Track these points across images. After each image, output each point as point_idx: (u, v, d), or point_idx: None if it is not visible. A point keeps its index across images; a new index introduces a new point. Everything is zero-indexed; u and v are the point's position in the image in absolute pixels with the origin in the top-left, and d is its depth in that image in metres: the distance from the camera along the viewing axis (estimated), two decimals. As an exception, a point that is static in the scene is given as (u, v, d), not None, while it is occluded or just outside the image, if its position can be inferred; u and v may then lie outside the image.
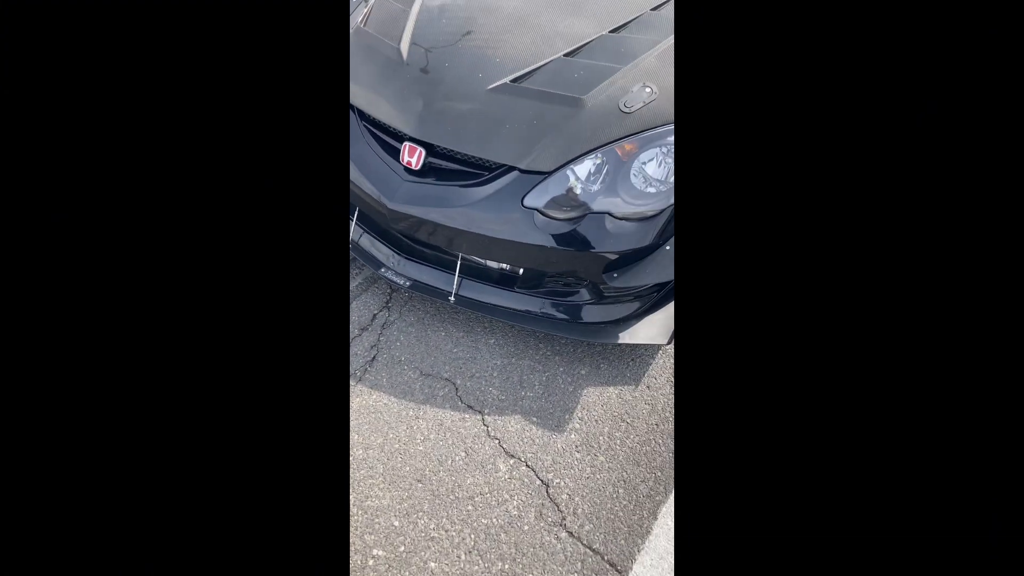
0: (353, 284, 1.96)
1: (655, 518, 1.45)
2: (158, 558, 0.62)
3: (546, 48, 1.65)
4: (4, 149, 0.63)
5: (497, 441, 1.58)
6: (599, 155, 1.50)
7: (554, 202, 1.49)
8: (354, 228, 1.84)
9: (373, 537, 1.38)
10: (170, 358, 0.65)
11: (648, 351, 1.82)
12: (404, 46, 1.70)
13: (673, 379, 1.76)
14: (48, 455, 0.61)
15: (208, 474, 0.64)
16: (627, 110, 1.51)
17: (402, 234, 1.70)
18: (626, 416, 1.65)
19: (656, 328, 1.69)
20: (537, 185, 1.50)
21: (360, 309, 1.89)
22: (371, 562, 1.34)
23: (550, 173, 1.49)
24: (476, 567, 1.34)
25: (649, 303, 1.72)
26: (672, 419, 1.66)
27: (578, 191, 1.50)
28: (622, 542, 1.41)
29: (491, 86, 1.57)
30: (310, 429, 0.67)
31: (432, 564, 1.34)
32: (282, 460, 0.66)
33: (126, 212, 0.65)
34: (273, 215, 0.69)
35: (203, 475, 0.64)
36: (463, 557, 1.36)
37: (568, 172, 1.50)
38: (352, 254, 1.86)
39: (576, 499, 1.48)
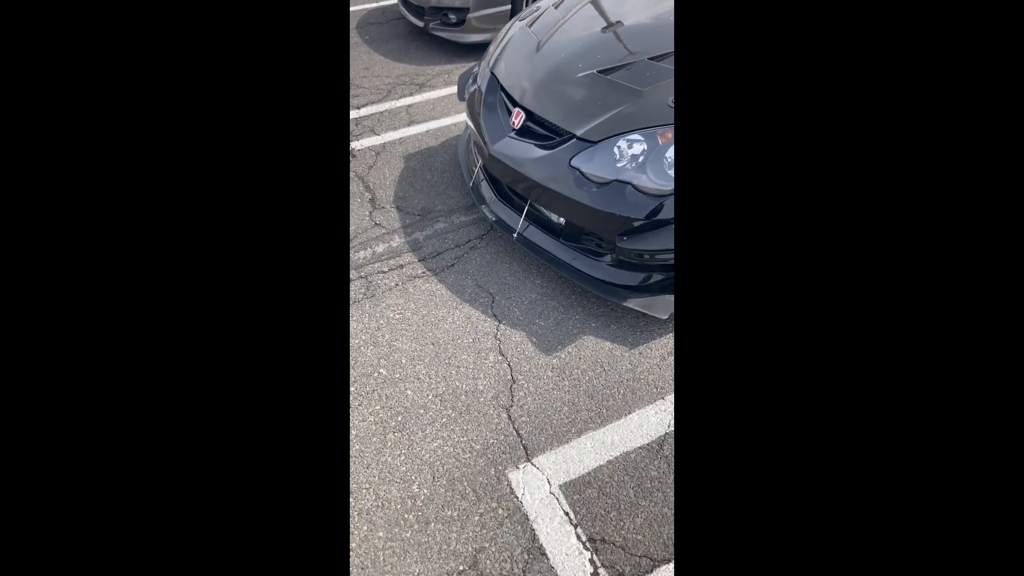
0: (469, 217, 2.54)
1: (579, 436, 1.70)
2: (157, 555, 0.61)
3: (640, 52, 1.99)
4: (4, 149, 0.61)
5: (499, 342, 1.98)
6: (641, 137, 1.79)
7: (593, 166, 1.84)
8: (476, 172, 2.42)
9: (384, 363, 1.92)
10: (166, 355, 0.64)
11: (659, 328, 2.00)
12: (544, 40, 2.22)
13: (667, 357, 1.92)
14: (48, 454, 0.60)
15: (207, 465, 0.63)
16: (672, 106, 1.77)
17: (496, 177, 2.21)
18: (607, 365, 1.89)
19: (660, 305, 1.89)
20: (585, 150, 1.86)
21: (463, 233, 2.46)
22: (375, 375, 1.88)
23: (596, 142, 1.84)
24: (435, 406, 1.78)
25: (667, 282, 1.92)
26: (643, 382, 1.84)
27: (616, 162, 1.82)
28: (543, 439, 1.69)
29: (581, 74, 1.99)
30: (310, 427, 0.67)
31: (409, 392, 1.83)
32: (282, 454, 0.66)
33: (133, 207, 0.64)
34: (274, 210, 0.68)
35: (203, 467, 0.63)
36: (430, 397, 1.81)
37: (613, 146, 1.83)
38: (472, 194, 2.45)
39: (528, 399, 1.80)
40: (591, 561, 1.42)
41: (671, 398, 1.79)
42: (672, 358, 1.91)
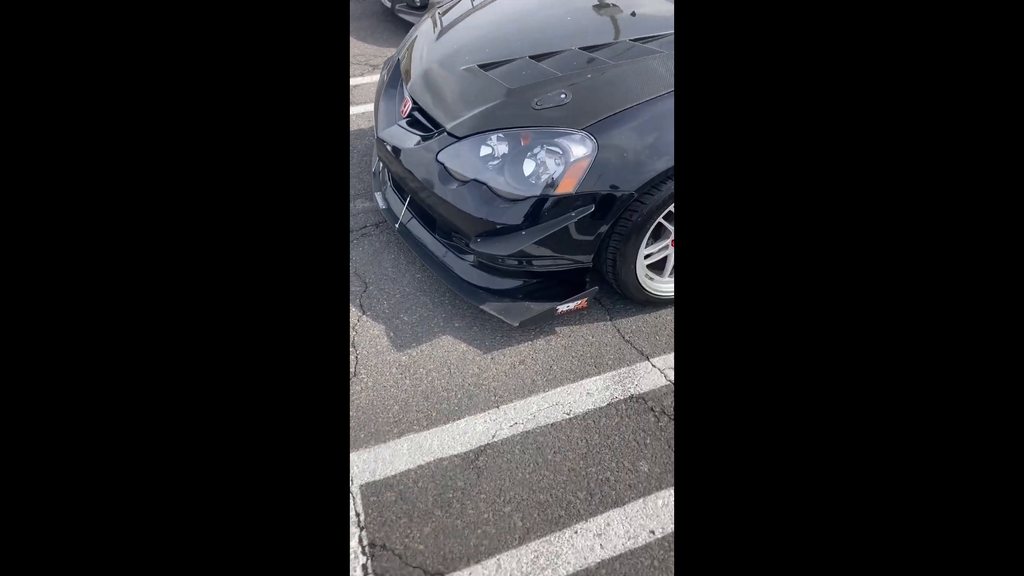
0: (372, 204, 2.50)
1: (399, 437, 1.65)
2: (157, 554, 0.60)
3: (525, 50, 1.92)
4: (5, 149, 0.61)
5: (355, 333, 1.94)
6: (504, 136, 1.73)
7: (457, 163, 1.78)
8: (377, 159, 2.37)
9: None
10: (166, 355, 0.64)
11: (519, 335, 1.94)
12: (445, 28, 2.16)
13: (517, 366, 1.86)
14: (48, 454, 0.59)
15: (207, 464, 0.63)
16: (536, 108, 1.70)
17: (384, 162, 2.16)
18: (454, 367, 1.84)
19: (515, 311, 1.83)
20: (452, 145, 1.80)
21: (360, 219, 2.42)
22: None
23: (461, 138, 1.78)
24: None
25: (527, 288, 1.86)
26: (483, 389, 1.79)
27: (478, 161, 1.76)
28: (362, 436, 1.65)
29: (463, 67, 1.93)
30: (310, 424, 0.67)
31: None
32: (284, 452, 0.66)
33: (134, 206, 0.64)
34: (276, 208, 0.68)
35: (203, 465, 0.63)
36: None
37: (478, 143, 1.76)
38: (373, 180, 2.40)
39: (363, 394, 1.76)
40: (363, 567, 1.38)
41: (506, 408, 1.73)
42: (522, 367, 1.85)
